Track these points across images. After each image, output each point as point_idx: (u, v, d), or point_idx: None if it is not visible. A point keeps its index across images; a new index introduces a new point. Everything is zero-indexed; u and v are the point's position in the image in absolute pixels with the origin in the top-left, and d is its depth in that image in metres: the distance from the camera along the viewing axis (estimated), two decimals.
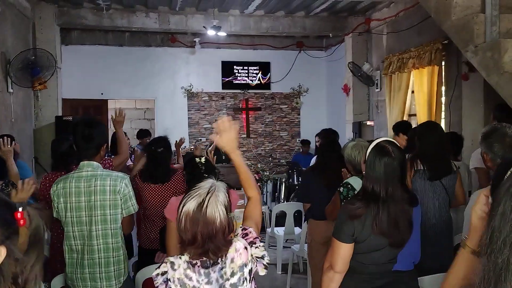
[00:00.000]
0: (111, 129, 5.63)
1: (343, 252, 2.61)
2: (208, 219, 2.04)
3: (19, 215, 1.34)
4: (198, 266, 2.10)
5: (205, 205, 2.05)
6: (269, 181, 9.81)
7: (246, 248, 2.15)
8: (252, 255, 2.15)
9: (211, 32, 8.66)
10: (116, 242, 3.24)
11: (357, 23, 9.30)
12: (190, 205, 2.06)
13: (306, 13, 9.40)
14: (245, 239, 2.19)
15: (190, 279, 2.08)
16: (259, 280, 6.72)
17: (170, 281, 2.09)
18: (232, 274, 2.09)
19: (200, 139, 10.82)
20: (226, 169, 7.00)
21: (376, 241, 2.60)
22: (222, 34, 9.05)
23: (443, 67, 6.81)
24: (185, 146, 9.00)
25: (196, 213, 2.04)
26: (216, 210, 2.05)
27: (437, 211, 3.86)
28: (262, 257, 2.17)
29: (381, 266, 2.66)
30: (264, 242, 7.34)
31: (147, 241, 4.29)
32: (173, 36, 10.53)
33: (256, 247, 2.18)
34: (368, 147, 2.75)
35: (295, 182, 9.00)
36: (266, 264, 2.18)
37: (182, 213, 2.07)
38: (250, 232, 2.23)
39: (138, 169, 4.53)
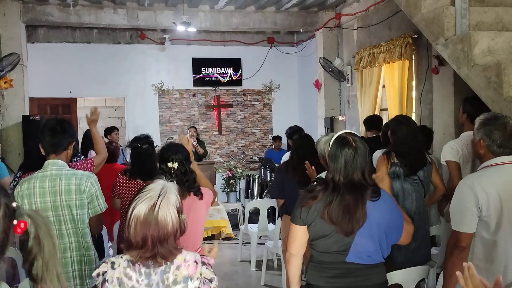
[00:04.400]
0: (80, 128, 5.51)
1: (293, 233, 2.71)
2: (160, 222, 1.98)
3: (22, 224, 1.39)
4: (139, 265, 2.02)
5: (156, 208, 1.98)
6: (242, 178, 9.77)
7: (196, 262, 2.08)
8: (201, 273, 2.08)
9: (180, 28, 8.56)
10: (85, 241, 3.18)
11: (328, 18, 9.31)
12: (141, 208, 1.99)
13: (277, 8, 9.37)
14: (201, 258, 2.13)
15: (130, 278, 2.01)
16: (234, 277, 6.67)
17: (107, 281, 2.02)
18: (175, 283, 2.02)
19: (172, 137, 10.68)
20: (200, 166, 6.90)
21: (322, 226, 2.59)
22: (192, 30, 8.95)
23: (413, 61, 6.84)
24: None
25: (148, 217, 1.98)
26: (168, 213, 2.00)
27: (412, 203, 3.86)
28: (211, 280, 2.10)
29: (334, 255, 2.63)
30: (239, 239, 7.29)
31: None
32: (142, 32, 10.40)
33: (206, 268, 2.11)
34: (331, 140, 2.79)
35: (268, 179, 8.97)
36: None
37: (132, 217, 1.99)
38: (209, 258, 2.17)
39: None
